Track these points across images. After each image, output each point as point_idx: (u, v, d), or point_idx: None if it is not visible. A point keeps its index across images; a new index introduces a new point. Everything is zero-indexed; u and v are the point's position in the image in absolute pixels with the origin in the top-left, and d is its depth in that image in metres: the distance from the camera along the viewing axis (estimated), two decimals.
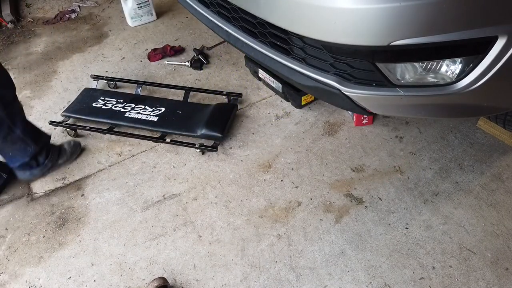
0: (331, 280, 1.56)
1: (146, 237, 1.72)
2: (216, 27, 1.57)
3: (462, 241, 1.65)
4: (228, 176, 1.93)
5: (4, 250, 1.72)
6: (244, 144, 2.06)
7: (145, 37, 2.74)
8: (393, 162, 1.94)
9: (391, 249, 1.64)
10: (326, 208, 1.78)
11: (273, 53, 1.37)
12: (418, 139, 2.03)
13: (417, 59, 1.14)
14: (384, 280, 1.56)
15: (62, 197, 1.89)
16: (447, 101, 1.23)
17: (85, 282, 1.60)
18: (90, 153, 2.06)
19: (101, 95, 2.24)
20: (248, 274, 1.59)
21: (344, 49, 1.14)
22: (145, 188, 1.90)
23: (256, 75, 2.34)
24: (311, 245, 1.67)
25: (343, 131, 2.09)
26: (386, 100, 1.25)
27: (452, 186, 1.83)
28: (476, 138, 2.01)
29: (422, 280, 1.55)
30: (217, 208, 1.81)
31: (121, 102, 2.19)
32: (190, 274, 1.61)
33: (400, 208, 1.77)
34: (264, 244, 1.68)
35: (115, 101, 2.20)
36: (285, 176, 1.91)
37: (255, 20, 1.33)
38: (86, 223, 1.78)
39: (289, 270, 1.60)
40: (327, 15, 1.07)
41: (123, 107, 2.17)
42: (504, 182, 1.83)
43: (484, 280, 1.54)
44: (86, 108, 2.17)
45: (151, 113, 2.11)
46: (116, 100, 2.20)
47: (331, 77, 1.25)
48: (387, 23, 1.01)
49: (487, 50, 1.05)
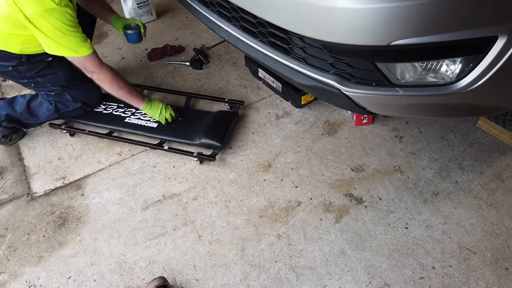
0: (331, 280, 1.57)
1: (146, 237, 1.72)
2: (216, 27, 1.57)
3: (462, 241, 1.65)
4: (228, 175, 1.93)
5: (4, 249, 1.72)
6: (244, 143, 2.06)
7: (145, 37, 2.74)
8: (393, 161, 1.94)
9: (391, 248, 1.64)
10: (326, 207, 1.78)
11: (273, 52, 1.37)
12: (418, 138, 2.03)
13: (417, 58, 1.14)
14: (384, 280, 1.56)
15: (62, 196, 1.89)
16: (447, 101, 1.23)
17: (85, 281, 1.60)
18: (90, 152, 2.06)
19: (103, 100, 2.22)
20: (248, 274, 1.59)
21: (344, 49, 1.14)
22: (145, 188, 1.90)
23: (256, 74, 2.34)
24: (311, 245, 1.67)
25: (343, 130, 2.09)
26: (386, 99, 1.25)
27: (452, 185, 1.83)
28: (476, 138, 2.01)
29: (422, 279, 1.55)
30: (217, 207, 1.81)
31: (122, 107, 2.17)
32: (190, 273, 1.61)
33: (400, 208, 1.77)
34: (264, 243, 1.68)
35: (116, 106, 2.18)
36: (285, 175, 1.91)
37: (255, 19, 1.33)
38: (86, 223, 1.78)
39: (289, 270, 1.60)
40: (327, 15, 1.07)
41: (123, 112, 2.15)
42: (504, 181, 1.83)
43: (484, 280, 1.54)
44: (87, 113, 2.16)
45: (151, 119, 2.10)
46: (117, 105, 2.18)
47: (331, 77, 1.25)
48: (387, 23, 1.01)
49: (487, 50, 1.05)
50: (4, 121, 2.03)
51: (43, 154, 2.06)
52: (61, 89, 1.97)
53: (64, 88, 1.98)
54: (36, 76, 1.89)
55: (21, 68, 1.85)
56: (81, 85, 2.03)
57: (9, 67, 1.83)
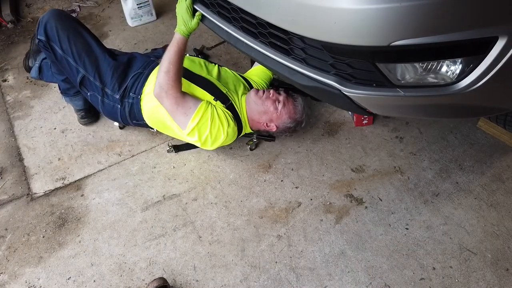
0: (331, 281, 1.56)
1: (146, 238, 1.72)
2: (216, 27, 1.57)
3: (462, 242, 1.65)
4: (228, 176, 1.93)
5: (4, 250, 1.72)
6: (244, 144, 2.06)
7: (145, 37, 2.74)
8: (393, 162, 1.94)
9: (391, 249, 1.64)
10: (326, 208, 1.78)
11: (274, 53, 1.37)
12: (418, 139, 2.03)
13: (418, 59, 1.14)
14: (384, 281, 1.55)
15: (62, 197, 1.89)
16: (448, 102, 1.22)
17: (85, 282, 1.60)
18: (90, 153, 2.06)
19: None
20: (248, 275, 1.59)
21: (344, 50, 1.14)
22: (145, 189, 1.90)
23: None
24: (311, 246, 1.66)
25: (343, 131, 2.09)
26: (386, 100, 1.25)
27: (453, 186, 1.83)
28: (477, 139, 2.01)
29: (422, 280, 1.55)
30: (217, 208, 1.81)
31: None
32: (190, 274, 1.61)
33: (400, 209, 1.76)
34: (264, 244, 1.68)
35: None
36: (285, 176, 1.91)
37: (255, 20, 1.33)
38: (86, 223, 1.78)
39: (289, 271, 1.60)
40: (327, 15, 1.07)
41: None
42: (504, 182, 1.83)
43: (484, 281, 1.54)
44: None
45: None
46: None
47: (331, 78, 1.25)
48: (388, 23, 1.01)
49: (487, 51, 1.05)
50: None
51: (43, 155, 2.06)
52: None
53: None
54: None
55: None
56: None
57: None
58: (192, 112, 1.72)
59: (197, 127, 1.73)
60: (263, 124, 1.88)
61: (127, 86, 1.89)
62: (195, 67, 1.98)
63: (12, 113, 2.27)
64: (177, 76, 1.71)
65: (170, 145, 2.01)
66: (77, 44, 1.87)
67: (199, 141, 1.77)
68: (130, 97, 1.89)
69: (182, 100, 1.72)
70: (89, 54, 1.89)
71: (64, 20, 1.88)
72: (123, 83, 1.90)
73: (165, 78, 1.69)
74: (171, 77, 1.69)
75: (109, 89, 1.89)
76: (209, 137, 1.76)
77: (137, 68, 1.94)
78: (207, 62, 2.07)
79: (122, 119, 1.96)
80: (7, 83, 2.47)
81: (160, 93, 1.71)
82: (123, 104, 1.90)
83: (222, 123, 1.76)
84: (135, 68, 1.95)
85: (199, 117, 1.72)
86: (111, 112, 1.95)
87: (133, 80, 1.90)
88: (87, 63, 1.88)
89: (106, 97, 1.91)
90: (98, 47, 1.92)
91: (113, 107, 1.92)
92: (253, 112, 1.88)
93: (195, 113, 1.72)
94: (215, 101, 1.81)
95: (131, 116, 1.92)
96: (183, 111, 1.72)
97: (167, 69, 1.69)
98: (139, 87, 1.88)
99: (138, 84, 1.89)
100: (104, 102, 1.92)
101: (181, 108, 1.72)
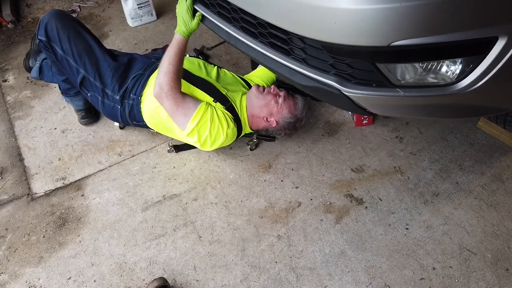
0: (331, 281, 1.56)
1: (146, 238, 1.72)
2: (217, 28, 1.57)
3: (462, 242, 1.65)
4: (228, 176, 1.93)
5: (4, 250, 1.72)
6: (244, 144, 2.06)
7: (146, 37, 2.74)
8: (393, 162, 1.94)
9: (391, 249, 1.64)
10: (326, 208, 1.78)
11: (274, 53, 1.37)
12: (418, 139, 2.03)
13: (418, 59, 1.14)
14: (384, 281, 1.56)
15: (62, 197, 1.89)
16: (447, 102, 1.23)
17: (85, 282, 1.60)
18: (90, 153, 2.06)
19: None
20: (248, 275, 1.59)
21: (344, 50, 1.14)
22: (145, 188, 1.90)
23: None
24: (311, 246, 1.67)
25: (343, 131, 2.09)
26: (386, 100, 1.25)
27: (452, 186, 1.83)
28: (477, 139, 2.01)
29: (422, 280, 1.55)
30: (217, 208, 1.81)
31: None
32: (190, 274, 1.61)
33: (400, 209, 1.77)
34: (264, 244, 1.68)
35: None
36: (285, 176, 1.91)
37: (255, 20, 1.33)
38: (86, 223, 1.78)
39: (289, 271, 1.60)
40: (327, 15, 1.07)
41: None
42: (504, 182, 1.83)
43: (484, 281, 1.54)
44: None
45: None
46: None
47: (331, 78, 1.25)
48: (388, 23, 1.01)
49: (487, 51, 1.05)
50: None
51: (43, 155, 2.06)
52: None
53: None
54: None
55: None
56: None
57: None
58: (192, 113, 1.72)
59: (197, 128, 1.73)
60: (263, 118, 1.88)
61: (127, 87, 1.90)
62: (195, 68, 1.98)
63: (12, 113, 2.27)
64: (177, 77, 1.71)
65: (170, 145, 2.01)
66: (78, 44, 1.87)
67: (199, 141, 1.77)
68: (131, 98, 1.89)
69: (182, 100, 1.72)
70: (90, 55, 1.89)
71: (65, 21, 1.89)
72: (124, 84, 1.90)
73: (165, 79, 1.69)
74: (171, 78, 1.69)
75: (109, 90, 1.89)
76: (209, 138, 1.76)
77: (138, 70, 1.94)
78: (206, 63, 2.07)
79: (122, 120, 1.96)
80: (8, 83, 2.47)
81: (160, 94, 1.71)
82: (123, 105, 1.90)
83: (222, 124, 1.76)
84: (135, 69, 1.95)
85: (199, 118, 1.72)
86: (111, 113, 1.95)
87: (134, 82, 1.90)
88: (88, 64, 1.88)
89: (106, 97, 1.91)
90: (99, 48, 1.93)
91: (113, 108, 1.92)
92: (253, 107, 1.88)
93: (194, 114, 1.72)
94: (214, 102, 1.81)
95: (131, 117, 1.92)
96: (183, 112, 1.72)
97: (167, 70, 1.69)
98: (140, 88, 1.88)
99: (139, 86, 1.89)
100: (104, 103, 1.92)
101: (180, 109, 1.72)
